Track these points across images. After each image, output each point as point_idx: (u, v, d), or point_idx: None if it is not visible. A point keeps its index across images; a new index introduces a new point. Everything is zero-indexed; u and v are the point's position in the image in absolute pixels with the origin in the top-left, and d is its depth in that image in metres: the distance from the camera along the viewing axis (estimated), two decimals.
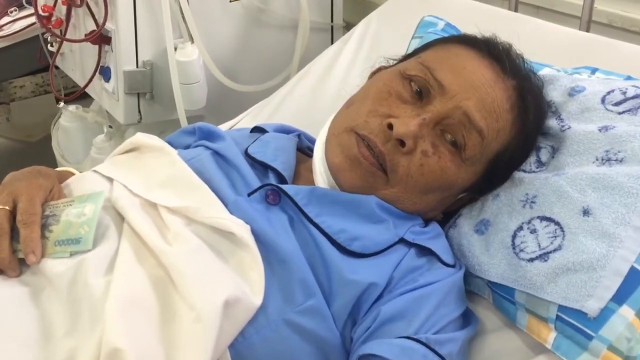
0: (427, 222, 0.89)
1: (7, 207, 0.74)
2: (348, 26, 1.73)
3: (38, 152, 2.30)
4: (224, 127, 1.31)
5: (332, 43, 1.72)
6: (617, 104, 0.88)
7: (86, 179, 0.85)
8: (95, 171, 0.86)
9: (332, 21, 1.77)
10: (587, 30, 1.26)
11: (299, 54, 1.66)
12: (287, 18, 1.66)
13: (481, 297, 0.88)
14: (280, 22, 1.67)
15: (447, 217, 0.93)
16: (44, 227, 0.74)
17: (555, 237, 0.78)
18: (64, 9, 1.55)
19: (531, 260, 0.79)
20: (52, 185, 0.80)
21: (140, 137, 0.89)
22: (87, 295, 0.68)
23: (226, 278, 0.71)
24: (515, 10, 1.39)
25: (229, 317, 0.68)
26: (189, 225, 0.75)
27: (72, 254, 0.72)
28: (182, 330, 0.66)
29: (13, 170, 0.82)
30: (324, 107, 1.30)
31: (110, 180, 0.83)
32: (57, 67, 1.73)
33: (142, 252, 0.73)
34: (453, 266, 0.84)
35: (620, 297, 0.72)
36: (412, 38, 1.21)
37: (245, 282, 0.72)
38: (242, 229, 0.74)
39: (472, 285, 0.88)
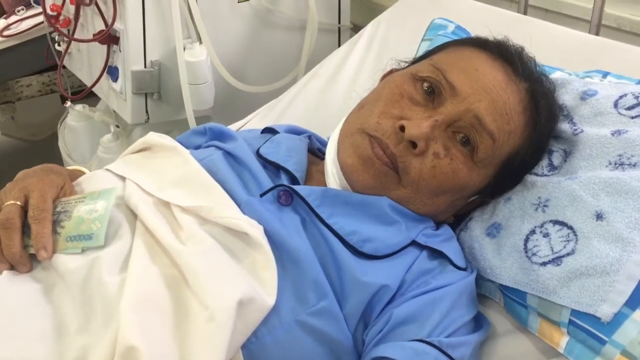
0: (438, 225, 0.89)
1: (18, 203, 0.74)
2: (355, 28, 1.73)
3: (43, 151, 2.29)
4: (232, 127, 1.31)
5: (339, 44, 1.72)
6: (630, 108, 0.87)
7: (98, 177, 0.85)
8: (107, 170, 0.85)
9: (339, 22, 1.77)
10: (597, 34, 1.25)
11: (306, 55, 1.66)
12: (295, 19, 1.67)
13: (492, 301, 0.88)
14: (288, 23, 1.67)
15: (458, 219, 0.93)
16: (56, 223, 0.74)
17: (569, 241, 0.78)
18: (72, 8, 1.55)
19: (544, 264, 0.78)
20: (64, 182, 0.80)
21: (153, 137, 0.89)
22: (101, 293, 0.68)
23: (240, 278, 0.71)
24: (525, 13, 1.39)
25: (242, 317, 0.67)
26: (202, 225, 0.75)
27: (83, 250, 0.72)
28: (196, 329, 0.66)
29: (18, 169, 0.82)
30: (332, 109, 1.30)
31: (123, 179, 0.82)
32: (64, 67, 1.73)
33: (156, 251, 0.73)
34: (465, 269, 0.84)
35: (633, 301, 0.72)
36: (422, 40, 1.21)
37: (258, 283, 0.72)
38: (255, 230, 0.74)
39: (483, 289, 0.88)
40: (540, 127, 0.88)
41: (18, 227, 0.73)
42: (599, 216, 0.78)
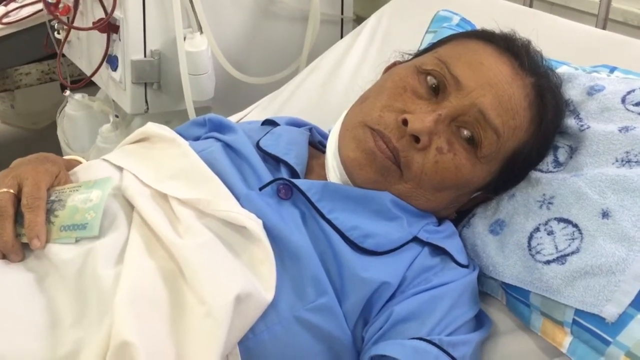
0: (440, 221, 0.88)
1: (11, 191, 0.73)
2: (358, 19, 1.71)
3: (42, 139, 2.28)
4: (232, 119, 1.30)
5: (341, 36, 1.71)
6: (638, 104, 0.86)
7: (94, 167, 0.83)
8: (104, 159, 0.84)
9: (342, 14, 1.75)
10: (604, 28, 1.24)
11: (308, 46, 1.65)
12: (297, 9, 1.65)
13: (494, 299, 0.86)
14: (290, 14, 1.65)
15: (460, 216, 0.92)
16: (50, 211, 0.73)
17: (573, 239, 0.77)
18: None
19: (548, 262, 0.77)
20: (59, 171, 0.79)
21: (152, 127, 0.88)
22: (95, 286, 0.66)
23: (238, 273, 0.69)
24: (530, 5, 1.37)
25: (239, 312, 0.66)
26: (200, 218, 0.74)
27: (77, 240, 0.71)
28: (193, 324, 0.65)
29: (17, 157, 0.81)
30: (333, 101, 1.28)
31: (120, 169, 0.81)
32: (63, 55, 1.71)
33: (153, 244, 0.71)
34: (467, 266, 0.83)
35: (639, 302, 0.70)
36: (426, 32, 1.20)
37: (256, 277, 0.71)
38: (254, 224, 0.73)
39: (485, 287, 0.86)
40: (546, 122, 0.87)
41: (11, 215, 0.72)
42: (605, 214, 0.76)
